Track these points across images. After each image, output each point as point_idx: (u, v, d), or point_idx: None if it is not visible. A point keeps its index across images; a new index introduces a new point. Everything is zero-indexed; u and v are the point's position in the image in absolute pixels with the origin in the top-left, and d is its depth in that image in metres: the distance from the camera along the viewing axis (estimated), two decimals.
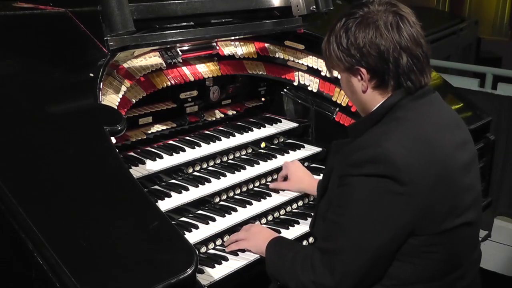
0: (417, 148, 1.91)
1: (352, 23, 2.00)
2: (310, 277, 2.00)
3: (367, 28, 1.97)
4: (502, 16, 11.97)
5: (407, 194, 1.87)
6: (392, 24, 1.97)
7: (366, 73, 2.01)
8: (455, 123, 2.10)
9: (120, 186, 1.81)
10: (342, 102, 2.98)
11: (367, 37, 1.96)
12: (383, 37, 1.96)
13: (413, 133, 1.94)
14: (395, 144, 1.89)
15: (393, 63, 1.97)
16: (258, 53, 2.96)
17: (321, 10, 2.83)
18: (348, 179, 1.94)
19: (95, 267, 1.56)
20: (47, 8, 2.27)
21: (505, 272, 4.56)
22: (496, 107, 4.78)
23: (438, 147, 1.95)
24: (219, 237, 2.39)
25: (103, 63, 2.12)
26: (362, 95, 2.06)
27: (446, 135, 2.00)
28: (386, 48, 1.96)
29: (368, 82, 2.02)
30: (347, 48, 2.00)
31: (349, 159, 1.95)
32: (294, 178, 2.74)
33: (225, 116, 2.97)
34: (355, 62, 2.00)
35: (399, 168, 1.86)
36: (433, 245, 1.95)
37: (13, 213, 1.58)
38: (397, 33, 1.96)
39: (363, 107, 2.10)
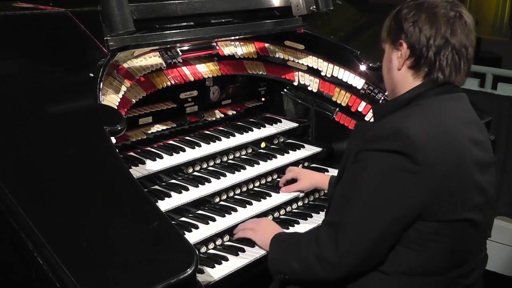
0: (435, 133, 1.92)
1: (413, 6, 2.05)
2: (313, 250, 1.99)
3: (425, 12, 2.02)
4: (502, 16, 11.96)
5: (419, 173, 1.87)
6: (449, 17, 2.01)
7: (406, 48, 2.04)
8: (476, 124, 2.10)
9: (120, 186, 1.81)
10: (342, 102, 2.98)
11: (423, 16, 2.02)
12: (437, 22, 2.00)
13: (434, 120, 1.96)
14: (415, 124, 1.91)
15: (434, 49, 2.00)
16: (258, 53, 2.96)
17: (321, 10, 2.83)
18: (363, 154, 1.94)
19: (95, 267, 1.56)
20: (47, 8, 2.27)
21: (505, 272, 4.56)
22: (496, 107, 4.77)
23: (455, 138, 1.96)
24: (219, 237, 2.39)
25: (103, 63, 2.12)
26: (396, 72, 2.09)
27: (465, 129, 2.01)
28: (435, 32, 2.00)
29: (405, 59, 2.05)
30: (401, 22, 2.05)
31: (366, 136, 1.96)
32: (303, 177, 2.75)
33: (225, 116, 2.97)
34: (402, 35, 2.05)
35: (416, 146, 1.86)
36: (438, 234, 1.94)
37: (13, 213, 1.58)
38: (450, 26, 2.00)
39: (393, 88, 2.13)
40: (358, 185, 1.94)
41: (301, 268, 2.06)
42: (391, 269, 1.98)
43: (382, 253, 1.97)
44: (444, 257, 1.99)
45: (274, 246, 2.22)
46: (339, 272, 1.97)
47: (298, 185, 2.75)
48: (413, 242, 1.95)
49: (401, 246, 1.96)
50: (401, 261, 1.97)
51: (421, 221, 1.92)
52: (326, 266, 1.97)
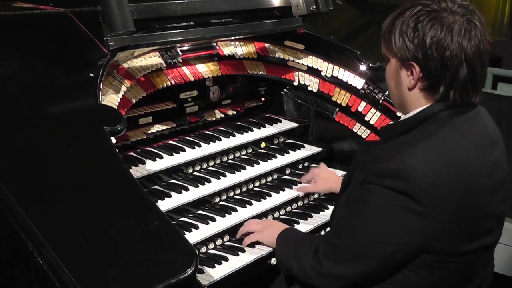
0: (443, 169, 1.83)
1: (425, 16, 1.87)
2: (310, 262, 2.01)
3: (440, 28, 1.85)
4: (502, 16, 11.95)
5: (423, 214, 1.82)
6: (465, 32, 1.85)
7: (419, 71, 1.89)
8: (491, 142, 1.99)
9: (120, 186, 1.81)
10: (342, 102, 2.98)
11: (437, 37, 1.85)
12: (453, 43, 1.84)
13: (443, 153, 1.85)
14: (421, 161, 1.82)
15: (452, 72, 1.86)
16: (258, 53, 2.96)
17: (321, 10, 2.83)
18: (369, 186, 1.89)
19: (95, 267, 1.56)
20: (47, 8, 2.27)
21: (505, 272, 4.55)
22: (496, 107, 4.77)
23: (466, 170, 1.87)
24: (219, 237, 2.39)
25: (103, 63, 2.12)
26: (406, 91, 1.96)
27: (478, 157, 1.91)
28: (452, 55, 1.85)
29: (417, 81, 1.91)
30: (411, 41, 1.87)
31: (373, 166, 1.89)
32: (320, 179, 2.75)
33: (225, 116, 2.97)
34: (412, 57, 1.89)
35: (420, 187, 1.80)
36: (445, 262, 1.91)
37: (13, 213, 1.58)
38: (467, 43, 1.85)
39: (402, 104, 2.00)
40: (360, 215, 1.92)
41: (299, 273, 2.09)
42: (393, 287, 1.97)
43: (381, 277, 1.96)
44: (452, 278, 1.96)
45: (279, 242, 2.24)
46: (334, 285, 1.99)
47: (314, 187, 2.77)
48: (419, 268, 1.92)
49: (407, 270, 1.93)
50: (406, 282, 1.95)
51: (426, 253, 1.89)
52: (322, 278, 1.99)
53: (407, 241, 1.86)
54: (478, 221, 1.92)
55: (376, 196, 1.87)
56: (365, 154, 2.04)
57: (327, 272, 1.97)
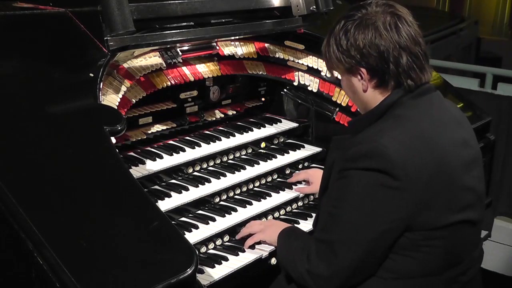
0: (413, 144, 1.92)
1: (351, 24, 2.02)
2: (305, 266, 2.03)
3: (366, 29, 1.99)
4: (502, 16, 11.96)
5: (401, 188, 1.88)
6: (390, 24, 1.99)
7: (366, 73, 2.03)
8: (456, 121, 2.10)
9: (120, 186, 1.81)
10: (342, 102, 2.98)
11: (367, 38, 1.99)
12: (383, 37, 1.98)
13: (410, 130, 1.95)
14: (391, 139, 1.91)
15: (393, 62, 1.99)
16: (258, 53, 2.96)
17: (321, 10, 2.83)
18: (345, 173, 1.97)
19: (95, 267, 1.56)
20: (47, 8, 2.27)
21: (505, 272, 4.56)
22: (496, 107, 4.77)
23: (436, 144, 1.96)
24: (219, 237, 2.39)
25: (103, 63, 2.13)
26: (363, 94, 2.08)
27: (445, 133, 2.01)
28: (386, 48, 1.98)
29: (368, 82, 2.05)
30: (346, 49, 2.03)
31: (347, 153, 1.97)
32: (316, 180, 2.75)
33: (225, 116, 2.97)
34: (355, 62, 2.03)
35: (394, 162, 1.87)
36: (431, 240, 1.96)
37: (13, 213, 1.58)
38: (396, 33, 1.99)
39: (365, 106, 2.12)
40: (342, 203, 1.97)
41: (295, 277, 2.10)
42: (388, 275, 2.00)
43: (374, 264, 1.99)
44: (440, 258, 2.00)
45: (280, 242, 2.25)
46: (331, 285, 2.00)
47: (312, 188, 2.77)
48: (406, 249, 1.96)
49: (395, 254, 1.98)
50: (397, 267, 1.99)
51: (410, 231, 1.94)
52: (317, 280, 2.01)
53: (391, 218, 1.91)
54: (455, 193, 1.98)
55: (354, 180, 1.93)
56: (338, 149, 2.10)
57: (322, 273, 1.99)
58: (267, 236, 2.35)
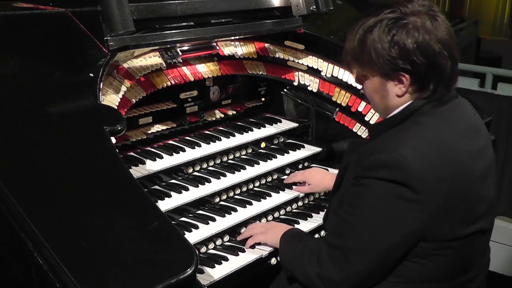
0: (433, 156, 1.87)
1: (396, 26, 1.89)
2: (315, 270, 2.01)
3: (416, 32, 1.88)
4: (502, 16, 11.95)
5: (419, 201, 1.85)
6: (436, 27, 1.89)
7: (409, 78, 1.92)
8: (476, 129, 2.04)
9: (120, 186, 1.81)
10: (342, 102, 2.98)
11: (416, 41, 1.87)
12: (431, 40, 1.88)
13: (431, 140, 1.90)
14: (411, 150, 1.86)
15: (440, 69, 1.91)
16: (258, 53, 2.96)
17: (321, 10, 2.83)
18: (363, 181, 1.92)
19: (95, 267, 1.56)
20: (47, 8, 2.27)
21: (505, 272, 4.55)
22: (496, 107, 4.77)
23: (455, 155, 1.91)
24: (219, 237, 2.39)
25: (103, 63, 2.13)
26: (395, 99, 1.98)
27: (465, 143, 1.96)
28: (436, 52, 1.88)
29: (408, 87, 1.94)
30: (392, 54, 1.89)
31: (365, 160, 1.92)
32: (315, 180, 2.75)
33: (225, 116, 2.97)
34: (400, 68, 1.90)
35: (413, 175, 1.84)
36: (444, 249, 1.94)
37: (13, 213, 1.58)
38: (442, 35, 1.90)
39: (388, 110, 2.03)
40: (358, 211, 1.94)
41: (303, 281, 2.09)
42: (395, 279, 1.99)
43: (385, 271, 1.98)
44: (450, 266, 1.99)
45: (282, 244, 2.24)
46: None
47: (310, 189, 2.77)
48: (417, 257, 1.95)
49: (405, 261, 1.96)
50: (405, 272, 1.97)
51: (423, 241, 1.92)
52: (328, 284, 1.99)
53: (407, 230, 1.88)
54: (472, 204, 1.95)
55: (372, 189, 1.90)
56: (355, 152, 2.06)
57: (332, 278, 1.97)
58: (269, 238, 2.35)
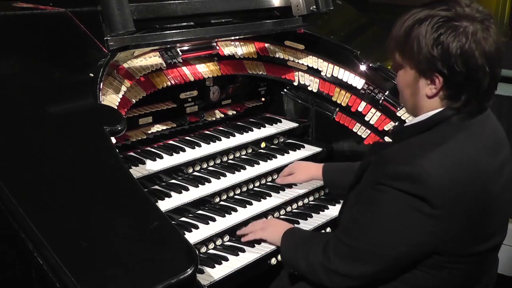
0: (457, 173, 1.83)
1: (446, 26, 1.81)
2: (320, 259, 2.00)
3: (463, 38, 1.80)
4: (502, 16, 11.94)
5: (436, 217, 1.82)
6: (486, 39, 1.81)
7: (443, 82, 1.85)
8: (499, 144, 2.00)
9: (120, 186, 1.81)
10: (342, 102, 2.97)
11: (461, 48, 1.80)
12: (477, 52, 1.80)
13: (455, 155, 1.85)
14: (434, 164, 1.81)
15: (477, 82, 1.84)
16: (258, 53, 2.96)
17: (321, 10, 2.83)
18: (382, 187, 1.88)
19: (95, 267, 1.56)
20: (47, 8, 2.27)
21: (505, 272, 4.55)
22: (496, 107, 4.77)
23: (479, 173, 1.87)
24: (219, 237, 2.39)
25: (103, 63, 2.13)
26: (424, 99, 1.91)
27: (489, 159, 1.91)
28: (477, 66, 1.81)
29: (439, 91, 1.87)
30: (434, 53, 1.81)
31: (387, 168, 1.88)
32: (299, 170, 2.75)
33: (225, 116, 2.97)
34: (436, 69, 1.83)
35: (434, 191, 1.80)
36: (456, 263, 1.92)
37: (13, 213, 1.58)
38: (489, 49, 1.82)
39: (415, 108, 1.97)
40: (372, 215, 1.92)
41: (306, 271, 2.08)
42: (402, 286, 1.97)
43: (391, 275, 1.97)
44: (461, 279, 1.97)
45: (285, 240, 2.23)
46: (343, 284, 1.99)
47: (294, 177, 2.76)
48: (428, 267, 1.93)
49: (416, 270, 1.94)
50: (414, 281, 1.96)
51: (437, 254, 1.90)
52: (331, 276, 1.99)
53: (418, 242, 1.87)
54: (489, 222, 1.92)
55: (389, 198, 1.87)
56: (376, 154, 2.01)
57: (336, 270, 1.97)
58: (269, 234, 2.35)
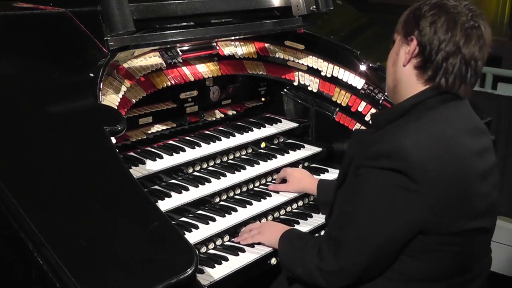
0: (435, 149, 1.90)
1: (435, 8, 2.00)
2: (315, 262, 2.01)
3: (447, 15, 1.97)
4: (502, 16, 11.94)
5: (418, 192, 1.86)
6: (468, 27, 1.96)
7: (416, 45, 1.99)
8: (479, 130, 2.07)
9: (120, 186, 1.81)
10: (342, 102, 2.98)
11: (442, 19, 1.97)
12: (454, 29, 1.96)
13: (434, 134, 1.93)
14: (413, 141, 1.89)
15: (444, 54, 1.96)
16: (258, 53, 2.96)
17: (321, 10, 2.84)
18: (363, 170, 1.94)
19: (95, 267, 1.56)
20: (47, 8, 2.27)
21: (505, 272, 4.55)
22: (496, 107, 4.77)
23: (456, 150, 1.94)
24: (219, 237, 2.39)
25: (103, 63, 2.13)
26: (401, 69, 2.04)
27: (467, 140, 1.98)
28: (449, 38, 1.95)
29: (411, 56, 2.01)
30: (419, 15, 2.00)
31: (367, 151, 1.95)
32: (292, 179, 2.74)
33: (225, 116, 2.97)
34: (416, 31, 2.00)
35: (414, 165, 1.85)
36: (443, 245, 1.94)
37: (13, 213, 1.58)
38: (466, 36, 1.96)
39: (395, 84, 2.08)
40: (357, 201, 1.95)
41: (304, 276, 2.08)
42: (396, 277, 1.99)
43: (384, 264, 1.98)
44: (450, 263, 1.99)
45: (282, 244, 2.24)
46: (340, 282, 1.99)
47: (287, 186, 2.75)
48: (417, 252, 1.95)
49: (405, 256, 1.96)
50: (406, 269, 1.97)
51: (423, 234, 1.92)
52: (327, 276, 1.99)
53: (405, 221, 1.89)
54: (471, 200, 1.96)
55: (372, 179, 1.92)
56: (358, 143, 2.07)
57: (331, 269, 1.97)
58: (266, 238, 2.35)
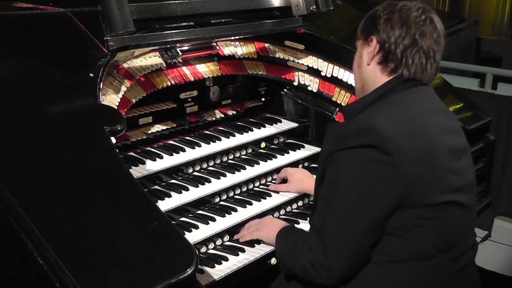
0: (403, 124, 1.98)
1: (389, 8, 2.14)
2: (308, 258, 2.01)
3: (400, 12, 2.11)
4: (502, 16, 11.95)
5: (392, 163, 1.92)
6: (420, 20, 2.10)
7: (376, 43, 2.12)
8: (444, 112, 2.19)
9: (120, 186, 1.81)
10: (342, 102, 2.98)
11: (395, 16, 2.10)
12: (408, 23, 2.09)
13: (401, 112, 2.03)
14: (382, 118, 1.98)
15: (402, 47, 2.09)
16: (258, 53, 2.96)
17: (321, 10, 2.84)
18: (336, 155, 2.00)
19: (95, 267, 1.56)
20: (47, 8, 2.27)
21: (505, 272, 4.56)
22: (496, 107, 4.77)
23: (424, 126, 2.02)
24: (219, 237, 2.39)
25: (103, 63, 2.13)
26: (366, 68, 2.16)
27: (434, 119, 2.08)
28: (405, 32, 2.08)
29: (374, 55, 2.13)
30: (375, 17, 2.15)
31: (339, 137, 2.02)
32: (294, 179, 2.75)
33: (225, 116, 2.97)
34: (374, 31, 2.13)
35: (385, 137, 1.92)
36: (422, 220, 1.99)
37: (13, 213, 1.58)
38: (420, 29, 2.09)
39: (363, 84, 2.19)
40: (336, 185, 1.98)
41: (300, 273, 2.08)
42: (382, 259, 2.01)
43: (371, 247, 2.00)
44: (432, 240, 2.02)
45: (278, 242, 2.24)
46: (334, 275, 1.98)
47: (287, 186, 2.76)
48: (398, 229, 1.98)
49: (387, 235, 1.99)
50: (389, 249, 2.00)
51: (401, 209, 1.97)
52: (321, 270, 1.99)
53: (384, 194, 1.94)
54: (446, 174, 2.03)
55: (346, 161, 1.97)
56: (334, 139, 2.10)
57: (323, 262, 1.97)
58: (264, 235, 2.36)
